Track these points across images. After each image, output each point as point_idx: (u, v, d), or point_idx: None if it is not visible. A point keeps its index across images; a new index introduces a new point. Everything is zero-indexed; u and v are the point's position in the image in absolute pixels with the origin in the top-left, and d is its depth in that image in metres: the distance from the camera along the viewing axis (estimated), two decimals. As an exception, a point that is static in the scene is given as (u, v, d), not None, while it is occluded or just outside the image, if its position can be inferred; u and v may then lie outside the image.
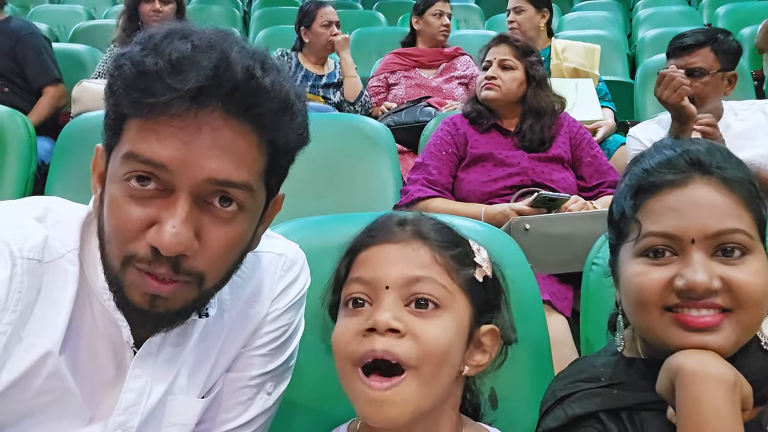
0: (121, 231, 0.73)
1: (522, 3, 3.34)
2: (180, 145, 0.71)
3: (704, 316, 0.81)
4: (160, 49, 0.71)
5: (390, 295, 0.82)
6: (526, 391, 1.13)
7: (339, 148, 2.24)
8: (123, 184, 0.73)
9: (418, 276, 0.83)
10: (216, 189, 0.74)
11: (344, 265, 0.90)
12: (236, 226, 0.77)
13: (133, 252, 0.73)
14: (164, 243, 0.71)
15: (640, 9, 5.52)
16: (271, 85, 0.74)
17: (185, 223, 0.72)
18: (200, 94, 0.70)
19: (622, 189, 0.91)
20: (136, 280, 0.74)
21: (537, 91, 2.22)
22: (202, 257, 0.75)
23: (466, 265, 0.88)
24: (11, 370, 0.74)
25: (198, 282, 0.76)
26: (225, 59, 0.71)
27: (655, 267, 0.84)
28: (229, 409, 0.92)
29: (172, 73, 0.69)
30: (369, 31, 4.66)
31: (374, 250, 0.87)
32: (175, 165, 0.71)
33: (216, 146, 0.72)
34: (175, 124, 0.71)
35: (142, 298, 0.75)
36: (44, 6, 5.54)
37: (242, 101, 0.72)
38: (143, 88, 0.70)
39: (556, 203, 1.96)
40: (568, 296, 1.83)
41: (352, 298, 0.85)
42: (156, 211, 0.72)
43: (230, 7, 5.77)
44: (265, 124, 0.75)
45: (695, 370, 0.79)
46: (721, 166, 0.85)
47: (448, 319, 0.84)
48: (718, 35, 2.25)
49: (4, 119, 2.11)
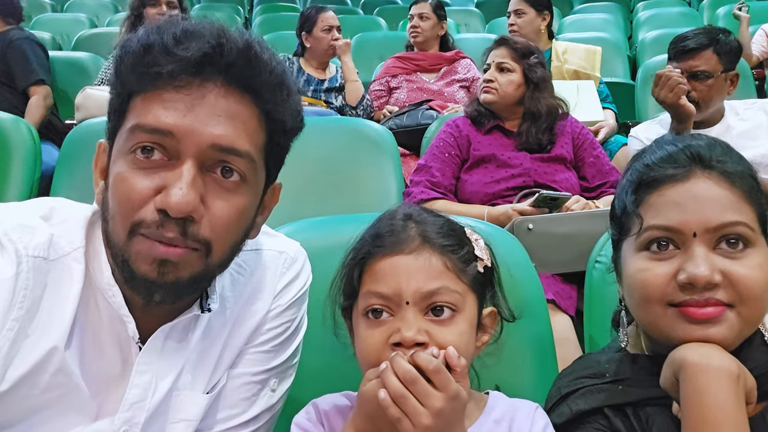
0: (127, 202, 0.75)
1: (522, 6, 3.35)
2: (185, 111, 0.74)
3: (706, 307, 0.82)
4: (163, 28, 0.75)
5: (410, 310, 0.86)
6: (530, 388, 1.13)
7: (341, 152, 2.25)
8: (128, 157, 0.76)
9: (433, 289, 0.87)
10: (220, 157, 0.76)
11: (356, 274, 0.92)
12: (239, 197, 0.79)
13: (140, 219, 0.75)
14: (172, 203, 0.73)
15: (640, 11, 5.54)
16: (269, 60, 0.78)
17: (191, 185, 0.74)
18: (203, 62, 0.74)
19: (624, 184, 0.91)
20: (143, 248, 0.75)
21: (535, 93, 2.21)
22: (207, 225, 0.76)
23: (471, 262, 0.92)
24: (18, 366, 0.75)
25: (205, 251, 0.78)
26: (225, 33, 0.76)
27: (657, 262, 0.85)
28: (233, 405, 0.93)
29: (177, 45, 0.74)
30: (370, 36, 4.68)
31: (387, 262, 0.89)
32: (181, 131, 0.74)
33: (220, 113, 0.76)
34: (180, 92, 0.74)
35: (149, 267, 0.76)
36: (47, 15, 5.58)
37: (242, 71, 0.76)
38: (149, 61, 0.74)
39: (558, 202, 1.96)
40: (572, 296, 1.83)
41: (372, 309, 0.89)
42: (162, 179, 0.75)
43: (231, 13, 5.80)
44: (263, 96, 0.79)
45: (698, 363, 0.79)
46: (721, 160, 0.85)
47: (462, 320, 0.89)
48: (719, 36, 2.24)
49: (9, 126, 2.11)
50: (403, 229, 0.92)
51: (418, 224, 0.92)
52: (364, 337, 0.89)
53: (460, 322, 0.88)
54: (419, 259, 0.89)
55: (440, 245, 0.90)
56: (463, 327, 0.88)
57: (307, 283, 1.00)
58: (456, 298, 0.88)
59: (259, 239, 0.96)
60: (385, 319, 0.88)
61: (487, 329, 0.96)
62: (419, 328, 0.85)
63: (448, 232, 0.93)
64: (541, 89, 2.22)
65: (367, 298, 0.89)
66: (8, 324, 0.73)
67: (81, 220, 0.83)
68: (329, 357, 1.10)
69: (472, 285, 0.91)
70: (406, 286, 0.87)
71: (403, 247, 0.90)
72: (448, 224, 0.95)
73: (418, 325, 0.85)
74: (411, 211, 0.95)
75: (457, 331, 0.87)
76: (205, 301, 0.86)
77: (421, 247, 0.90)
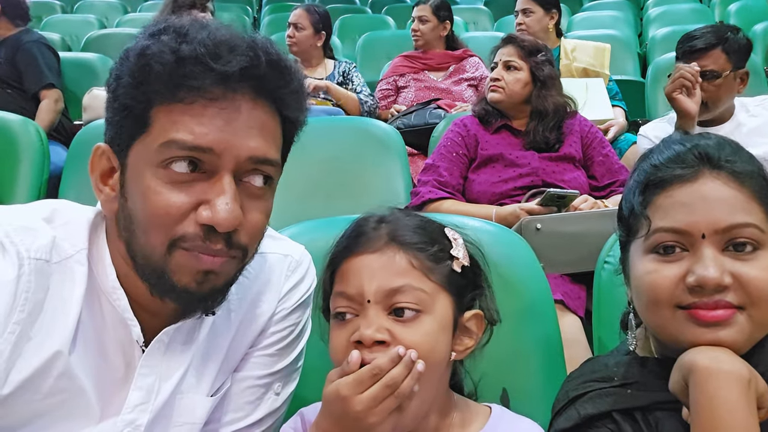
0: (165, 217, 0.75)
1: (530, 4, 3.34)
2: (222, 126, 0.74)
3: (716, 310, 0.80)
4: (192, 37, 0.74)
5: (372, 308, 0.85)
6: (538, 391, 1.12)
7: (349, 151, 2.25)
8: (160, 171, 0.75)
9: (395, 287, 0.86)
10: (254, 167, 0.78)
11: (328, 276, 0.92)
12: (266, 201, 0.82)
13: (181, 233, 0.75)
14: (220, 219, 0.74)
15: (650, 7, 5.50)
16: (293, 68, 0.80)
17: (235, 199, 0.75)
18: (241, 77, 0.74)
19: (631, 185, 0.90)
20: (187, 261, 0.76)
21: (542, 91, 2.19)
22: (245, 232, 0.78)
23: (443, 261, 0.90)
24: (21, 370, 0.75)
25: (242, 256, 0.80)
26: (257, 43, 0.77)
27: (665, 264, 0.83)
28: (237, 408, 0.93)
29: (215, 58, 0.73)
30: (378, 35, 4.68)
31: (353, 261, 0.89)
32: (221, 147, 0.75)
33: (253, 125, 0.77)
34: (215, 106, 0.74)
35: (191, 278, 0.77)
36: (57, 16, 5.62)
37: (273, 83, 0.77)
38: (184, 73, 0.73)
39: (566, 200, 1.95)
40: (581, 296, 1.82)
41: (338, 312, 0.89)
42: (200, 193, 0.75)
43: (240, 13, 5.83)
44: (288, 104, 0.80)
45: (708, 367, 0.78)
46: (730, 159, 0.84)
47: (429, 321, 0.86)
48: (728, 34, 2.21)
49: (17, 127, 2.13)
50: (373, 230, 0.91)
51: (388, 224, 0.91)
52: (331, 338, 0.89)
53: (426, 322, 0.86)
54: (383, 258, 0.88)
55: (407, 243, 0.89)
56: (429, 327, 0.86)
57: (312, 286, 1.00)
58: (420, 297, 0.86)
59: (264, 242, 0.95)
60: (350, 320, 0.87)
61: (471, 333, 0.93)
62: (379, 326, 0.84)
63: (417, 231, 0.91)
64: (549, 87, 2.20)
65: (335, 299, 0.89)
66: (9, 327, 0.73)
67: (84, 222, 0.83)
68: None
69: (446, 285, 0.89)
70: (368, 284, 0.86)
71: (368, 247, 0.89)
72: (422, 223, 0.93)
73: (378, 323, 0.84)
74: (386, 213, 0.94)
75: (422, 331, 0.85)
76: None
77: (386, 245, 0.88)
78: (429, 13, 3.53)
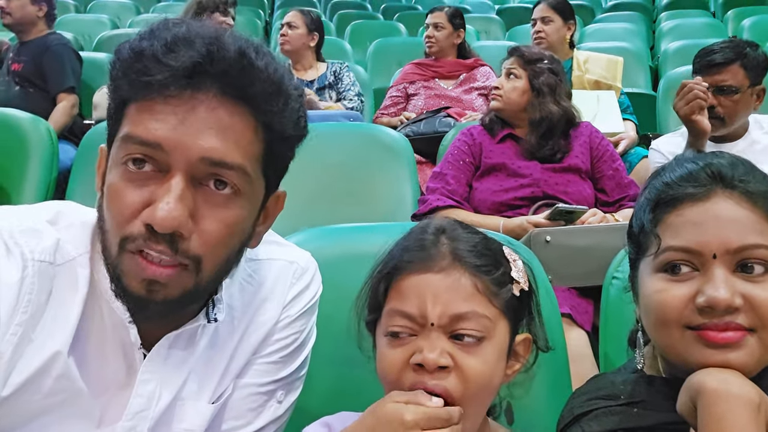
0: (118, 216, 0.74)
1: (550, 13, 3.28)
2: (175, 123, 0.72)
3: (726, 331, 0.79)
4: (156, 33, 0.73)
5: (435, 332, 0.82)
6: (543, 406, 1.11)
7: (357, 158, 2.25)
8: (120, 168, 0.74)
9: (460, 313, 0.83)
10: (211, 171, 0.74)
11: (382, 288, 0.88)
12: (232, 210, 0.77)
13: (128, 233, 0.73)
14: (157, 219, 0.71)
15: (663, 21, 5.49)
16: (265, 67, 0.75)
17: (179, 200, 0.72)
18: (194, 72, 0.71)
19: (642, 202, 0.89)
20: (132, 266, 0.74)
21: (539, 99, 2.17)
22: (198, 240, 0.74)
23: (505, 285, 0.86)
24: (22, 371, 0.75)
25: (195, 267, 0.76)
26: (218, 40, 0.73)
27: (675, 283, 0.82)
28: (239, 416, 0.92)
29: (167, 53, 0.71)
30: (389, 41, 4.69)
31: (414, 279, 0.85)
32: (171, 144, 0.72)
33: (211, 126, 0.73)
34: (171, 103, 0.72)
35: (139, 285, 0.74)
36: (70, 15, 5.66)
37: (236, 81, 0.73)
38: (140, 68, 0.72)
39: (574, 216, 1.94)
40: (588, 310, 1.80)
41: (395, 332, 0.85)
42: (150, 193, 0.73)
43: (252, 17, 5.84)
44: (259, 106, 0.76)
45: (717, 389, 0.76)
46: (744, 179, 0.83)
47: (490, 348, 0.84)
48: (746, 50, 2.18)
49: (28, 126, 2.14)
50: (434, 244, 0.87)
51: (451, 240, 0.87)
52: (385, 354, 0.85)
53: (487, 349, 0.83)
54: (448, 279, 0.83)
55: (472, 265, 0.85)
56: (490, 355, 0.83)
57: (317, 294, 0.99)
58: (484, 324, 0.83)
59: (270, 249, 0.95)
60: (407, 339, 0.84)
61: (519, 357, 0.90)
62: (442, 350, 0.81)
63: (482, 251, 0.87)
64: (545, 95, 2.17)
65: (391, 316, 0.86)
66: (12, 329, 0.73)
67: (87, 225, 0.82)
68: (338, 369, 1.09)
69: (505, 310, 0.86)
70: (432, 307, 0.82)
71: (431, 265, 0.85)
72: (484, 242, 0.89)
73: (441, 346, 0.81)
74: (445, 225, 0.90)
75: (482, 359, 0.83)
76: (212, 311, 0.85)
77: (451, 265, 0.84)
78: (444, 21, 3.54)
